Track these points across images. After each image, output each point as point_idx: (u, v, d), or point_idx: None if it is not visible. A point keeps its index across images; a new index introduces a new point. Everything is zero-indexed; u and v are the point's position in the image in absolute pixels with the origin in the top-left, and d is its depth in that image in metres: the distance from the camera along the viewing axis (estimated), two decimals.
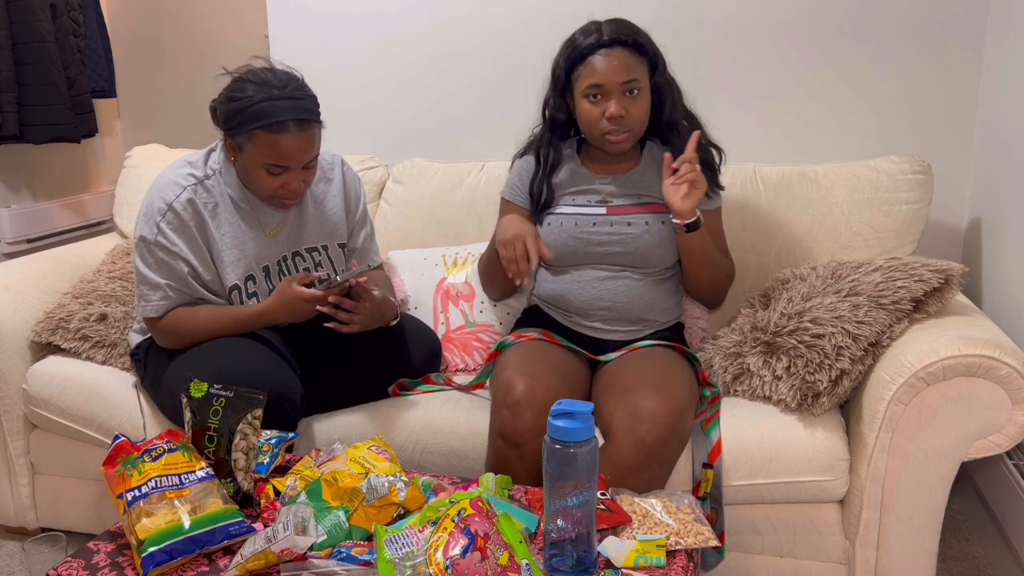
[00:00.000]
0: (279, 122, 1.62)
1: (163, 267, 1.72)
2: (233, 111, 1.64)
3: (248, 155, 1.67)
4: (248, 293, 1.78)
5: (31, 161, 2.86)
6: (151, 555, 1.19)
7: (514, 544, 1.13)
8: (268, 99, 1.62)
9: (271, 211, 1.80)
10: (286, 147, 1.64)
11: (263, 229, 1.79)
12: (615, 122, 1.74)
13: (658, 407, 1.53)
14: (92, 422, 1.91)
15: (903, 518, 1.56)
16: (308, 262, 1.85)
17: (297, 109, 1.64)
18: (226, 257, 1.75)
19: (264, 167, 1.66)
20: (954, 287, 1.70)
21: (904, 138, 2.22)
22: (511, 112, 2.44)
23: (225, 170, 1.76)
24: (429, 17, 2.48)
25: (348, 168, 1.94)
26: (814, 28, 2.22)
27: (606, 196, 1.83)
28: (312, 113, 1.67)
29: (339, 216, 1.89)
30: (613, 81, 1.72)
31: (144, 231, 1.72)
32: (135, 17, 3.11)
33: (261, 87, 1.64)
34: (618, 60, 1.73)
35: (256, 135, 1.63)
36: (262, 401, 1.39)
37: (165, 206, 1.71)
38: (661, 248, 1.80)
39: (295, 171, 1.68)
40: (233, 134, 1.67)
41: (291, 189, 1.70)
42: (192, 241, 1.72)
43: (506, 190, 1.96)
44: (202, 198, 1.73)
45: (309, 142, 1.67)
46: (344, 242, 1.91)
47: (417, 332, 1.90)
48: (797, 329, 1.68)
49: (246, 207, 1.77)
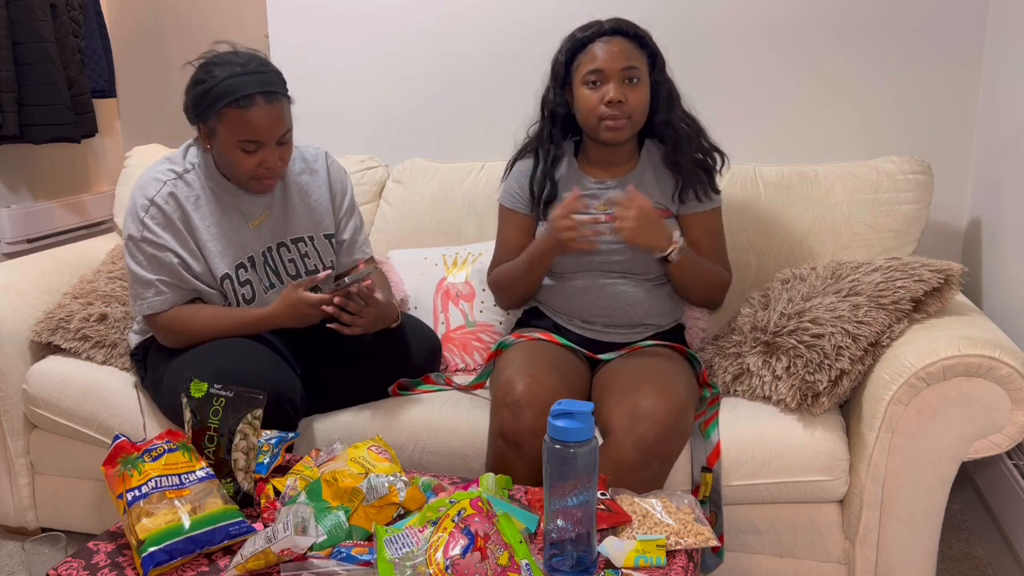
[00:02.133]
0: (246, 95, 1.64)
1: (153, 262, 1.73)
2: (200, 94, 1.67)
3: (221, 137, 1.68)
4: (240, 281, 1.78)
5: (31, 161, 2.86)
6: (151, 555, 1.19)
7: (514, 544, 1.13)
8: (232, 76, 1.65)
9: (253, 202, 1.80)
10: (256, 120, 1.65)
11: (245, 220, 1.80)
12: (613, 107, 1.73)
13: (658, 406, 1.53)
14: (92, 422, 1.91)
15: (903, 518, 1.56)
16: (294, 253, 1.85)
17: (263, 83, 1.66)
18: (212, 248, 1.75)
19: (238, 146, 1.67)
20: (954, 287, 1.70)
21: (904, 138, 2.22)
22: (511, 112, 2.43)
23: (203, 164, 1.77)
24: (429, 17, 2.48)
25: (333, 160, 1.94)
26: (814, 28, 2.22)
27: (606, 202, 1.83)
28: (278, 87, 1.69)
29: (324, 207, 1.89)
30: (613, 67, 1.73)
31: (131, 230, 1.74)
32: (135, 17, 3.11)
33: (225, 67, 1.66)
34: (618, 47, 1.74)
35: (225, 113, 1.65)
36: (262, 401, 1.39)
37: (147, 202, 1.72)
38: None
39: (269, 147, 1.69)
40: (204, 118, 1.69)
41: (269, 167, 1.70)
42: (178, 234, 1.73)
43: (505, 197, 1.94)
44: (183, 192, 1.74)
45: (279, 114, 1.68)
46: (331, 233, 1.90)
47: (417, 332, 1.90)
48: (797, 329, 1.68)
49: (227, 198, 1.78)
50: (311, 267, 1.86)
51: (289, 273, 1.84)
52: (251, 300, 1.79)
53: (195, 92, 1.68)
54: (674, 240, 1.72)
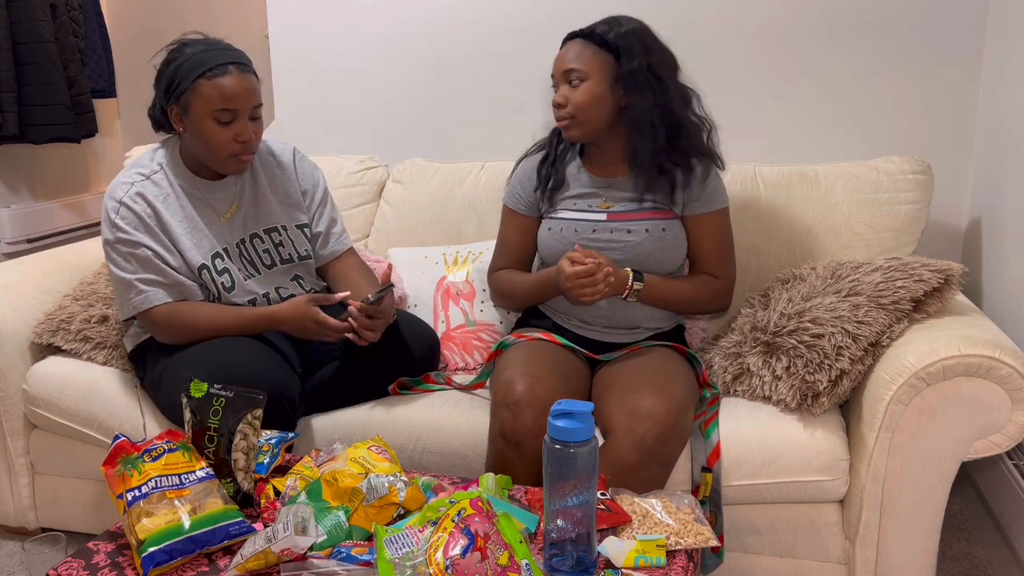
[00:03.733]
0: (219, 65, 1.69)
1: (131, 260, 1.75)
2: (173, 70, 1.71)
3: (195, 111, 1.70)
4: (218, 271, 1.79)
5: (31, 161, 2.86)
6: (151, 555, 1.19)
7: (514, 544, 1.13)
8: (204, 50, 1.71)
9: (221, 196, 1.83)
10: (230, 87, 1.68)
11: (216, 214, 1.82)
12: (557, 109, 1.78)
13: (657, 406, 1.54)
14: (92, 422, 1.91)
15: (903, 518, 1.56)
16: (267, 243, 1.87)
17: (233, 54, 1.73)
18: (186, 241, 1.77)
19: (212, 117, 1.70)
20: (954, 287, 1.70)
21: (904, 138, 2.22)
22: (511, 112, 2.44)
23: (171, 163, 1.80)
24: (429, 17, 2.48)
25: (302, 156, 1.98)
26: (814, 28, 2.22)
27: (608, 200, 1.83)
28: (248, 61, 1.75)
29: (296, 199, 1.92)
30: (559, 71, 1.78)
31: (106, 234, 1.77)
32: (135, 17, 3.11)
33: (193, 44, 1.73)
34: (569, 52, 1.77)
35: (199, 84, 1.68)
36: (262, 401, 1.39)
37: (117, 203, 1.75)
38: (661, 255, 1.80)
39: (243, 118, 1.72)
40: (178, 95, 1.71)
41: (244, 139, 1.73)
42: (150, 230, 1.75)
43: (508, 196, 1.95)
44: (151, 191, 1.77)
45: (251, 85, 1.72)
46: (305, 223, 1.93)
47: (415, 330, 1.90)
48: (797, 329, 1.68)
49: (196, 193, 1.80)
50: (286, 256, 1.89)
51: (264, 263, 1.87)
52: (231, 288, 1.80)
53: (167, 71, 1.72)
54: (628, 285, 1.75)
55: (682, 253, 1.84)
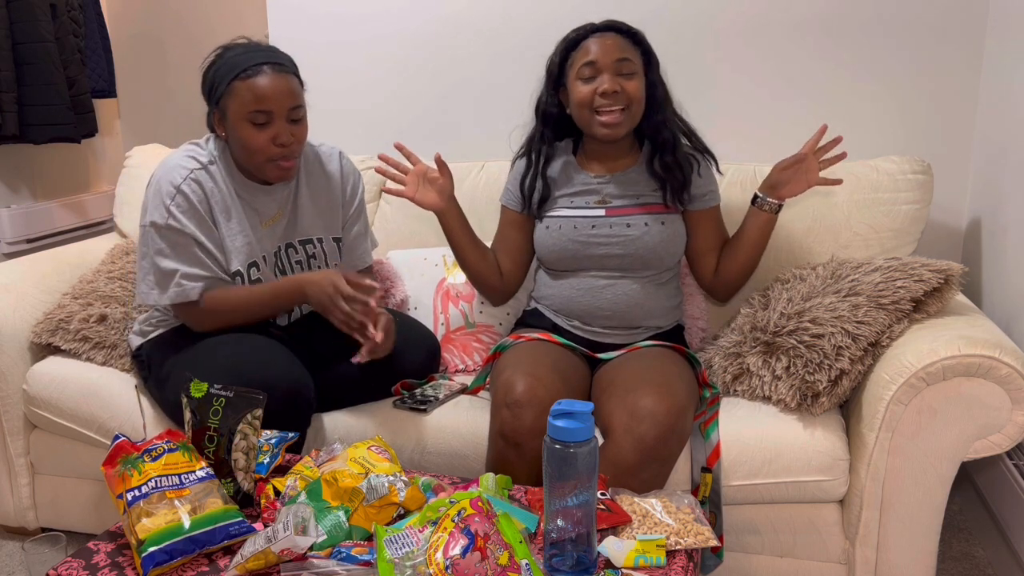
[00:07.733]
0: (253, 66, 1.66)
1: (176, 248, 1.70)
2: (212, 74, 1.70)
3: (232, 115, 1.67)
4: (252, 280, 1.77)
5: (31, 161, 2.86)
6: (151, 555, 1.19)
7: (514, 544, 1.13)
8: (242, 52, 1.69)
9: (269, 201, 1.79)
10: (263, 87, 1.65)
11: (260, 219, 1.79)
12: (608, 97, 1.73)
13: (657, 406, 1.53)
14: (92, 423, 1.91)
15: (903, 518, 1.57)
16: (301, 254, 1.85)
17: (270, 55, 1.69)
18: (230, 244, 1.74)
19: (248, 120, 1.66)
20: (954, 287, 1.70)
21: (904, 138, 2.22)
22: (511, 112, 2.43)
23: (223, 159, 1.77)
24: (429, 17, 2.49)
25: (347, 160, 1.95)
26: (814, 28, 2.22)
27: (605, 197, 1.83)
28: (287, 63, 1.71)
29: (335, 209, 1.89)
30: (606, 59, 1.74)
31: (154, 216, 1.70)
32: (135, 17, 3.11)
33: (235, 48, 1.71)
34: (612, 41, 1.75)
35: (234, 87, 1.66)
36: (262, 401, 1.39)
37: (174, 189, 1.69)
38: (661, 249, 1.80)
39: (280, 120, 1.68)
40: (216, 99, 1.69)
41: (282, 142, 1.68)
42: (202, 223, 1.71)
43: (503, 195, 1.96)
44: (208, 183, 1.73)
45: (287, 84, 1.68)
46: (340, 237, 1.91)
47: (415, 333, 1.90)
48: (797, 329, 1.68)
49: (245, 196, 1.77)
50: (316, 268, 1.85)
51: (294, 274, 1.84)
52: None
53: (208, 76, 1.71)
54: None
55: (681, 246, 1.85)
